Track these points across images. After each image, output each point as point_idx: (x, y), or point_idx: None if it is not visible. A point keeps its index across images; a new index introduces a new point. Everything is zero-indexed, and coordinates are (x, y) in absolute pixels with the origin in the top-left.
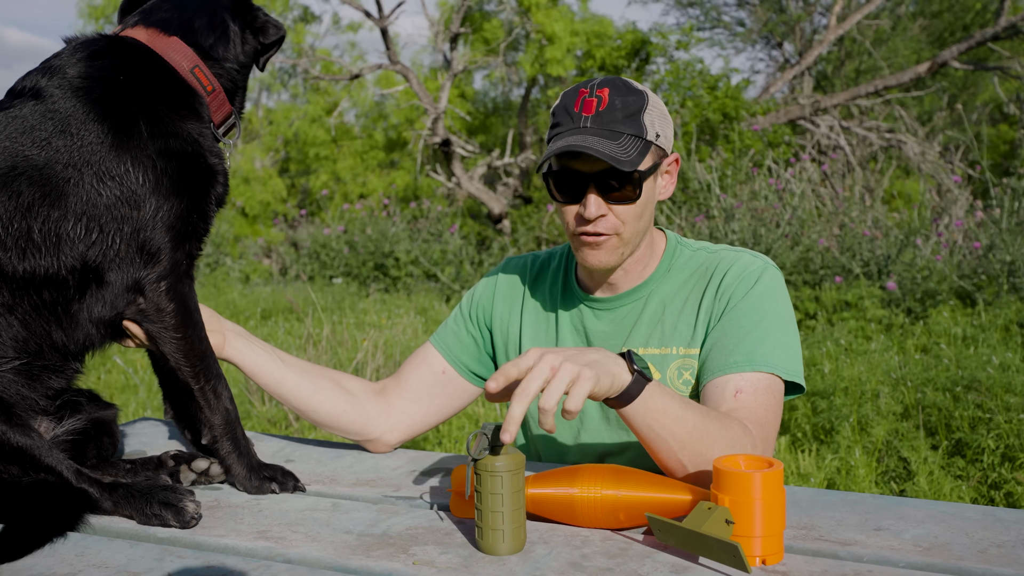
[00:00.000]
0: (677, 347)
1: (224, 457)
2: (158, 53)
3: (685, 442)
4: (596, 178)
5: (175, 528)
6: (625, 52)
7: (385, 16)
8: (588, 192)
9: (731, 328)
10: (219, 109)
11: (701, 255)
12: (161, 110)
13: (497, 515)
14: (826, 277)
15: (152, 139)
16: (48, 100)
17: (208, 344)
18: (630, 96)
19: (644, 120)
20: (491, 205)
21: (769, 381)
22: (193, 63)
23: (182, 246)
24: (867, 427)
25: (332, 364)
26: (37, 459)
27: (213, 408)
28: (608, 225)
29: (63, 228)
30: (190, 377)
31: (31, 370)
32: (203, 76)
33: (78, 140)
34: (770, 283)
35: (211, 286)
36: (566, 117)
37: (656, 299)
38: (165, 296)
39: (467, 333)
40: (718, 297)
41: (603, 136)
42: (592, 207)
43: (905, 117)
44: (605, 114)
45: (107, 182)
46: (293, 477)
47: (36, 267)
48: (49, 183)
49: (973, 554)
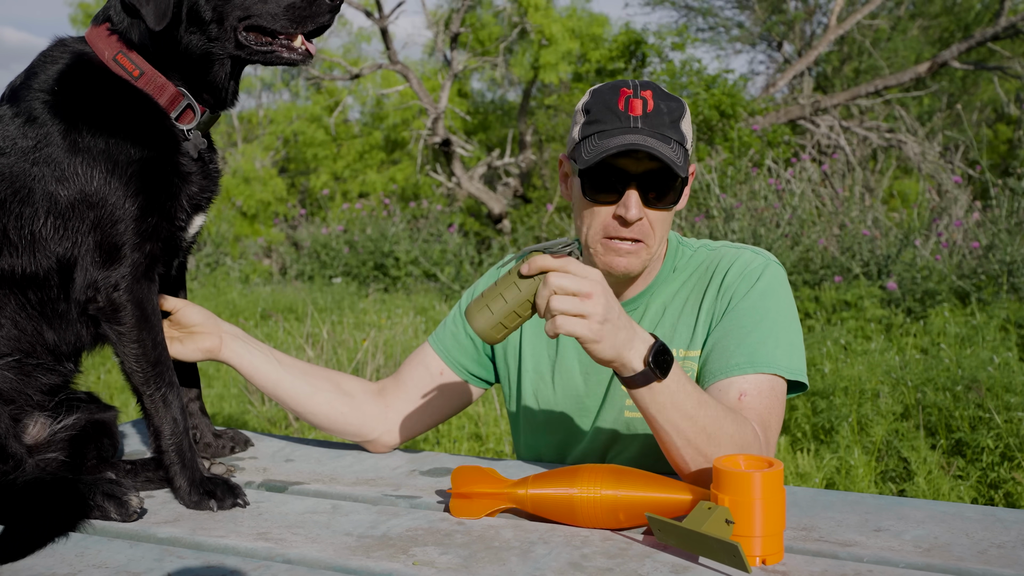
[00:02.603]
0: (677, 349)
1: (167, 467)
2: (90, 48)
3: (690, 439)
4: (640, 179)
5: (116, 520)
6: (618, 53)
7: (385, 16)
8: (628, 191)
9: (733, 328)
10: (159, 93)
11: (702, 253)
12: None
13: (496, 296)
14: (826, 277)
15: (95, 139)
16: (18, 101)
17: (165, 351)
18: (672, 102)
19: (683, 127)
20: (491, 205)
21: (772, 383)
22: (116, 50)
23: (141, 247)
24: (867, 427)
25: (332, 364)
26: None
27: (161, 417)
28: (641, 231)
29: (35, 226)
30: (140, 383)
31: (23, 367)
32: (126, 62)
33: (42, 141)
34: (772, 280)
35: (211, 286)
36: (609, 115)
37: (658, 301)
38: (120, 297)
39: (466, 335)
40: (719, 296)
41: (656, 138)
42: (634, 208)
43: (905, 117)
44: (653, 117)
45: (65, 182)
46: (234, 494)
47: (15, 265)
48: (19, 180)
49: (973, 554)
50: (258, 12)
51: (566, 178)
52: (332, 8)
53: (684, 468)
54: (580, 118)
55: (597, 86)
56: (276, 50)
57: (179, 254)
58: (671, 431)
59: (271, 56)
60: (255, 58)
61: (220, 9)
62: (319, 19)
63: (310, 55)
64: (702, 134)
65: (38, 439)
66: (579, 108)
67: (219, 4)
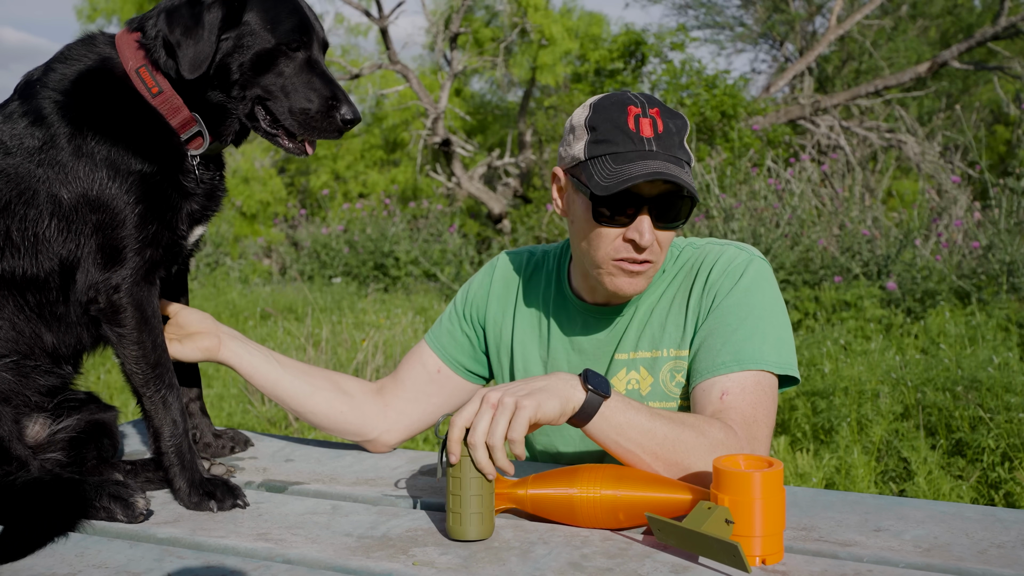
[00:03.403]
0: (668, 349)
1: (167, 469)
2: (116, 53)
3: (657, 453)
4: (653, 202)
5: (123, 522)
6: (618, 53)
7: (385, 16)
8: (641, 215)
9: (718, 326)
10: (173, 114)
11: (688, 252)
12: (107, 118)
13: (456, 498)
14: (826, 277)
15: (99, 146)
16: (29, 98)
17: (165, 353)
18: (677, 120)
19: (687, 146)
20: (491, 205)
21: (758, 378)
22: (140, 63)
23: (142, 252)
24: (867, 427)
25: (332, 364)
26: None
27: (161, 418)
28: (651, 251)
29: (40, 228)
30: (140, 384)
31: (21, 368)
32: (148, 77)
33: (48, 142)
34: (755, 276)
35: (211, 286)
36: (620, 136)
37: (646, 302)
38: (121, 299)
39: (461, 332)
40: (704, 294)
41: (672, 162)
42: (648, 233)
43: (905, 117)
44: (664, 138)
45: (69, 185)
46: (234, 495)
47: (15, 267)
48: (24, 182)
49: (973, 554)
50: (276, 100)
51: (562, 192)
52: (341, 129)
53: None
54: (584, 134)
55: (597, 99)
56: (279, 137)
57: (179, 260)
58: (636, 450)
59: (272, 139)
60: (259, 132)
61: (245, 78)
62: (325, 134)
63: (307, 153)
64: (702, 134)
65: (38, 440)
66: (580, 123)
67: (246, 74)
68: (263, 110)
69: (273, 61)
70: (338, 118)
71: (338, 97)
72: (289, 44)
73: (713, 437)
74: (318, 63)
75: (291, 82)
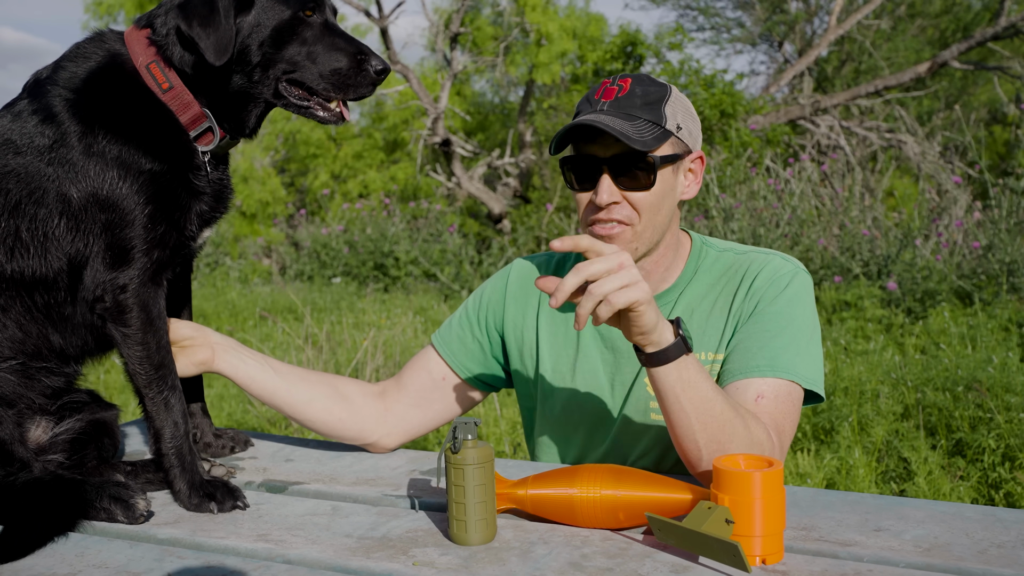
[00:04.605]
0: (706, 352)
1: (167, 470)
2: (126, 49)
3: (706, 424)
4: (611, 162)
5: (123, 523)
6: (616, 53)
7: (385, 16)
8: (602, 176)
9: (757, 331)
10: (183, 110)
11: (728, 256)
12: (117, 115)
13: (460, 506)
14: (826, 277)
15: (110, 145)
16: (39, 96)
17: (168, 355)
18: (652, 86)
19: (665, 110)
20: (491, 205)
21: (790, 388)
22: (150, 59)
23: (150, 253)
24: (867, 427)
25: (331, 364)
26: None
27: (162, 419)
28: (622, 214)
29: (49, 227)
30: (143, 385)
31: (26, 370)
32: (158, 73)
33: (58, 141)
34: (799, 288)
35: (210, 286)
36: (585, 104)
37: (684, 303)
38: (128, 299)
39: (472, 338)
40: (748, 299)
41: (618, 117)
42: (604, 192)
43: (905, 117)
44: (623, 99)
45: (79, 183)
46: (234, 496)
47: (24, 268)
48: (34, 181)
49: (973, 554)
50: (304, 69)
51: None
52: (375, 81)
53: (696, 456)
54: (574, 112)
55: None
56: (312, 108)
57: (187, 261)
58: (690, 412)
59: (306, 111)
60: (289, 108)
61: (269, 57)
62: (361, 89)
63: (344, 119)
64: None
65: (40, 442)
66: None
67: (269, 51)
68: (289, 85)
69: (293, 31)
70: (371, 71)
71: (364, 51)
72: (304, 9)
73: (756, 435)
74: (335, 24)
75: (315, 48)
